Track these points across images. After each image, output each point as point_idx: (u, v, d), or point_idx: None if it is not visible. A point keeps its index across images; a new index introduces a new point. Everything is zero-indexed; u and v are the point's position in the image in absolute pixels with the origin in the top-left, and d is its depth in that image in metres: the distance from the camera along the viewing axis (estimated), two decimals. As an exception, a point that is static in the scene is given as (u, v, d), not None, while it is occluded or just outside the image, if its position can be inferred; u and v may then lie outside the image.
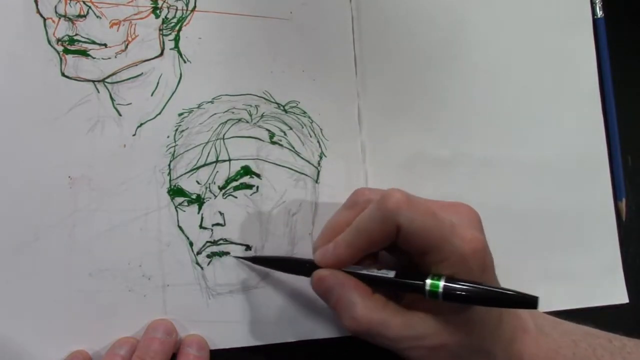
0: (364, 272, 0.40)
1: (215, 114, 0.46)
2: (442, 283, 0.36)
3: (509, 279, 0.49)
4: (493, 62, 0.51)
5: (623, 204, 0.52)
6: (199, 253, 0.45)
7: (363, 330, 0.39)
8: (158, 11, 0.46)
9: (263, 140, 0.47)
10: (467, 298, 0.36)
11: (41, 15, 0.45)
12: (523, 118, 0.51)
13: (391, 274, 0.39)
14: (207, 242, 0.46)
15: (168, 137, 0.46)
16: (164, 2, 0.46)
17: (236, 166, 0.46)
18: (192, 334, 0.45)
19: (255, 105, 0.47)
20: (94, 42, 0.45)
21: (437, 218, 0.37)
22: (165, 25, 0.46)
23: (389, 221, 0.37)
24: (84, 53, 0.45)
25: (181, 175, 0.46)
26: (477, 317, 0.38)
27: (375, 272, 0.39)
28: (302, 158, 0.47)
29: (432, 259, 0.37)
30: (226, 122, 0.46)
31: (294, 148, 0.47)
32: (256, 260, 0.45)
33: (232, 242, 0.46)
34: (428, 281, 0.37)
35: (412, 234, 0.37)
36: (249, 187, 0.46)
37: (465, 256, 0.37)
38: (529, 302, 0.35)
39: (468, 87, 0.50)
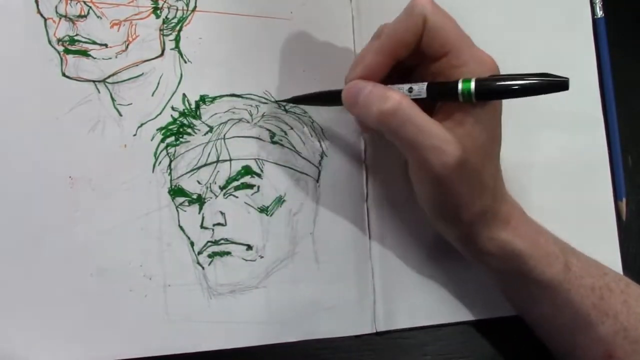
0: (396, 86, 0.39)
1: (215, 113, 0.46)
2: (472, 82, 0.37)
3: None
4: (493, 62, 0.51)
5: (623, 204, 0.52)
6: (200, 253, 0.45)
7: (394, 111, 0.37)
8: (158, 11, 0.46)
9: (264, 140, 0.47)
10: (502, 91, 0.37)
11: (42, 16, 0.45)
12: (523, 118, 0.51)
13: (424, 85, 0.38)
14: (208, 242, 0.46)
15: (169, 137, 0.46)
16: (165, 2, 0.46)
17: (237, 166, 0.46)
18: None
19: (256, 105, 0.47)
20: (94, 42, 0.45)
21: (458, 26, 0.39)
22: (165, 25, 0.46)
23: (416, 16, 0.38)
24: (84, 53, 0.45)
25: (182, 175, 0.46)
26: (489, 149, 0.40)
27: (406, 84, 0.39)
28: (302, 158, 0.47)
29: (453, 61, 0.38)
30: (227, 122, 0.46)
31: (294, 148, 0.47)
32: (295, 100, 0.45)
33: (233, 242, 0.46)
34: (460, 83, 0.37)
35: (437, 30, 0.38)
36: (250, 186, 0.46)
37: (484, 61, 0.38)
38: (562, 84, 0.38)
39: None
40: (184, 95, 0.46)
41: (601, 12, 0.53)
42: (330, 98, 0.43)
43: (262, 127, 0.47)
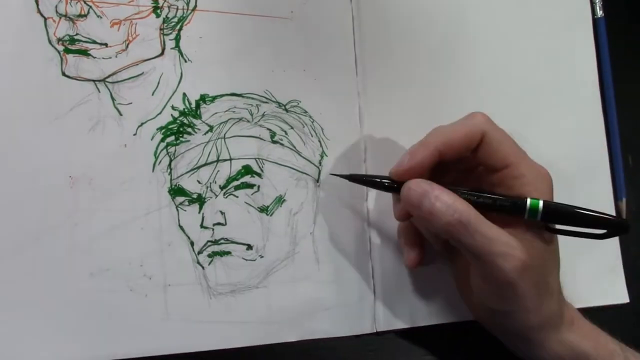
0: (460, 189, 0.40)
1: (216, 113, 0.46)
2: (541, 202, 0.39)
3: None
4: (493, 62, 0.51)
5: (623, 204, 0.52)
6: (200, 253, 0.45)
7: (463, 224, 0.38)
8: (159, 10, 0.46)
9: (264, 140, 0.47)
10: (565, 217, 0.39)
11: (42, 15, 0.45)
12: (523, 118, 0.51)
13: (489, 195, 0.40)
14: (208, 241, 0.45)
15: (169, 136, 0.46)
16: (165, 1, 0.46)
17: (237, 165, 0.46)
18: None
19: (256, 105, 0.47)
20: (94, 42, 0.45)
21: (514, 141, 0.41)
22: (166, 24, 0.46)
23: (475, 128, 0.40)
24: (84, 53, 0.45)
25: (182, 174, 0.46)
26: (549, 248, 0.41)
27: (468, 191, 0.40)
28: (303, 157, 0.47)
29: (511, 174, 0.40)
30: (227, 121, 0.46)
31: (295, 147, 0.47)
32: (352, 178, 0.44)
33: (233, 242, 0.46)
34: (528, 200, 0.39)
35: (496, 145, 0.40)
36: (250, 186, 0.46)
37: (541, 177, 0.40)
38: (622, 227, 0.40)
39: (468, 87, 0.50)
40: (184, 95, 0.46)
41: (601, 12, 0.53)
42: (386, 187, 0.42)
43: (263, 127, 0.47)
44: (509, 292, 0.39)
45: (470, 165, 0.43)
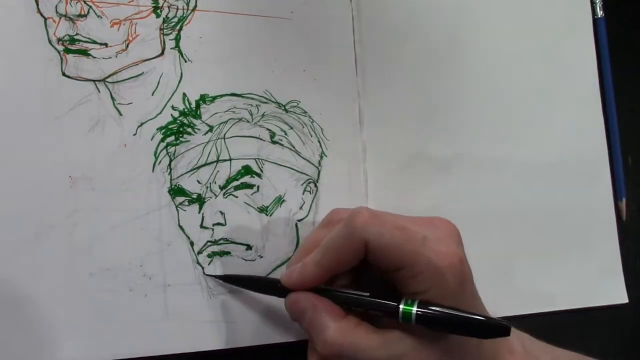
0: (337, 292, 0.39)
1: (216, 113, 0.46)
2: (414, 308, 0.35)
3: (508, 279, 0.50)
4: (493, 62, 0.51)
5: (623, 204, 0.52)
6: (199, 253, 0.45)
7: (335, 354, 0.37)
8: (159, 10, 0.46)
9: (264, 140, 0.47)
10: (440, 323, 0.35)
11: (42, 15, 0.45)
12: (523, 118, 0.51)
13: (365, 294, 0.38)
14: (208, 241, 0.45)
15: (169, 136, 0.46)
16: (165, 1, 0.46)
17: (237, 166, 0.46)
18: None
19: (256, 105, 0.47)
20: (94, 42, 0.45)
21: (407, 232, 0.36)
22: (166, 24, 0.46)
23: (355, 238, 0.36)
24: (84, 53, 0.45)
25: (182, 174, 0.46)
26: (455, 339, 0.37)
27: (348, 292, 0.39)
28: (302, 158, 0.47)
29: (406, 274, 0.36)
30: (227, 121, 0.46)
31: (294, 148, 0.47)
32: (228, 279, 0.45)
33: (233, 242, 0.46)
34: (401, 306, 0.36)
35: (382, 249, 0.36)
36: (250, 186, 0.46)
37: (440, 270, 0.36)
38: (502, 330, 0.35)
39: (468, 87, 0.51)
40: (184, 95, 0.46)
41: (601, 12, 0.53)
42: (266, 287, 0.43)
43: (262, 127, 0.47)
44: None
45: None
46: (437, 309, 0.35)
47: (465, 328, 0.35)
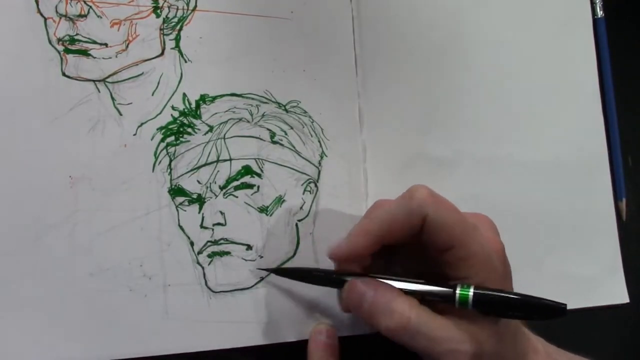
0: (392, 278, 0.39)
1: (216, 113, 0.46)
2: (471, 291, 0.36)
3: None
4: (493, 62, 0.51)
5: (623, 204, 0.52)
6: (199, 253, 0.45)
7: (402, 327, 0.37)
8: (159, 11, 0.46)
9: (264, 140, 0.47)
10: (497, 306, 0.36)
11: (42, 15, 0.45)
12: (523, 118, 0.51)
13: (420, 282, 0.38)
14: (208, 241, 0.45)
15: (169, 136, 0.46)
16: (165, 1, 0.46)
17: (237, 166, 0.46)
18: (321, 322, 0.45)
19: (256, 105, 0.47)
20: (94, 42, 0.45)
21: (462, 215, 0.38)
22: (166, 24, 0.46)
23: (414, 211, 0.37)
24: (84, 53, 0.45)
25: (182, 174, 0.46)
26: (502, 328, 0.38)
27: (402, 279, 0.39)
28: (302, 158, 0.47)
29: (457, 255, 0.37)
30: (227, 121, 0.46)
31: (294, 148, 0.47)
32: (279, 271, 0.45)
33: (233, 242, 0.46)
34: (458, 290, 0.37)
35: (439, 226, 0.37)
36: (250, 186, 0.46)
37: (490, 255, 0.37)
38: (559, 310, 0.36)
39: (468, 87, 0.50)
40: (184, 95, 0.46)
41: (601, 12, 0.53)
42: (324, 280, 0.43)
43: (262, 127, 0.47)
44: None
45: (417, 244, 0.40)
46: (494, 292, 0.36)
47: (523, 310, 0.36)
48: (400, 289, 0.39)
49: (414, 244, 0.39)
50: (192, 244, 0.45)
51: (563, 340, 0.43)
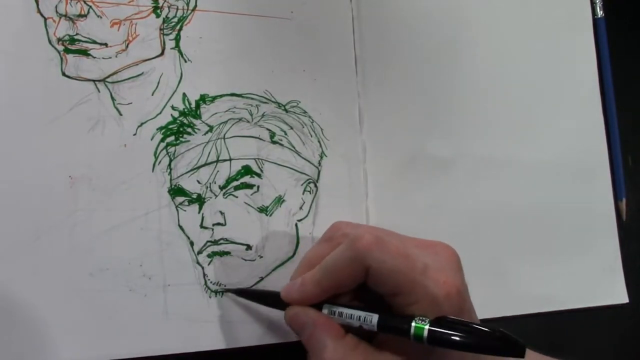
0: (344, 308, 0.38)
1: (216, 113, 0.46)
2: (427, 327, 0.34)
3: (508, 279, 0.50)
4: (493, 62, 0.51)
5: (623, 204, 0.52)
6: (199, 253, 0.45)
7: None
8: (159, 10, 0.46)
9: (264, 140, 0.47)
10: (454, 343, 0.34)
11: (42, 15, 0.45)
12: (523, 118, 0.51)
13: (374, 318, 0.37)
14: (208, 241, 0.45)
15: (169, 136, 0.46)
16: (165, 1, 0.46)
17: (237, 166, 0.46)
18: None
19: (256, 105, 0.47)
20: (94, 42, 0.45)
21: (409, 260, 0.36)
22: (166, 24, 0.46)
23: (357, 262, 0.36)
24: (84, 53, 0.45)
25: (182, 174, 0.46)
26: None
27: (356, 311, 0.38)
28: (302, 158, 0.47)
29: (403, 301, 0.36)
30: (227, 121, 0.46)
31: (294, 148, 0.47)
32: (230, 291, 0.45)
33: (232, 242, 0.46)
34: (413, 325, 0.35)
35: (382, 275, 0.36)
36: (250, 186, 0.46)
37: (437, 300, 0.35)
38: (519, 348, 0.33)
39: (468, 87, 0.51)
40: (184, 95, 0.46)
41: (601, 12, 0.53)
42: (267, 300, 0.43)
43: (262, 127, 0.47)
44: None
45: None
46: (450, 327, 0.34)
47: (481, 344, 0.34)
48: (342, 325, 0.38)
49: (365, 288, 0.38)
50: (192, 244, 0.45)
51: (563, 341, 0.43)
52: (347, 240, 0.37)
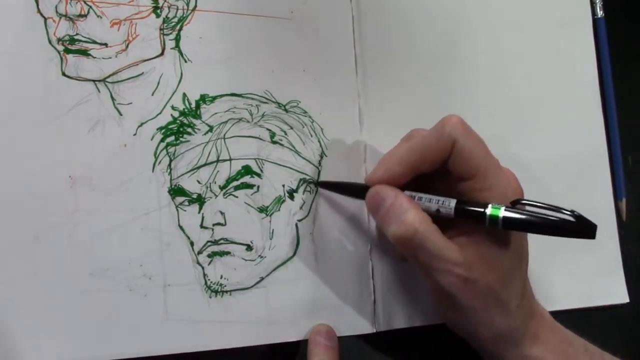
0: (424, 195, 0.40)
1: (216, 113, 0.46)
2: (502, 210, 0.36)
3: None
4: (493, 62, 0.51)
5: (623, 204, 0.52)
6: (199, 253, 0.45)
7: (408, 236, 0.38)
8: (159, 10, 0.46)
9: (264, 140, 0.47)
10: (529, 223, 0.36)
11: (42, 15, 0.45)
12: (523, 118, 0.51)
13: (452, 202, 0.38)
14: (208, 241, 0.45)
15: (169, 136, 0.46)
16: (165, 1, 0.46)
17: (237, 166, 0.46)
18: (321, 323, 0.46)
19: (256, 105, 0.47)
20: (94, 42, 0.45)
21: (488, 150, 0.39)
22: (166, 24, 0.46)
23: (446, 136, 0.38)
24: (84, 53, 0.45)
25: (182, 174, 0.46)
26: (505, 272, 0.39)
27: (435, 196, 0.39)
28: (302, 158, 0.47)
29: (479, 185, 0.38)
30: (227, 121, 0.46)
31: (294, 148, 0.47)
32: (321, 184, 0.47)
33: (232, 242, 0.46)
34: (489, 208, 0.37)
35: (464, 153, 0.38)
36: (250, 186, 0.46)
37: (510, 187, 0.39)
38: (590, 229, 0.36)
39: (468, 87, 0.50)
40: (184, 95, 0.46)
41: (601, 12, 0.53)
42: (355, 191, 0.44)
43: (262, 127, 0.47)
44: (452, 304, 0.39)
45: (443, 171, 0.41)
46: (524, 210, 0.37)
47: (556, 225, 0.36)
48: (420, 205, 0.39)
49: (438, 179, 0.41)
50: (192, 244, 0.45)
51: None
52: (437, 123, 0.40)
